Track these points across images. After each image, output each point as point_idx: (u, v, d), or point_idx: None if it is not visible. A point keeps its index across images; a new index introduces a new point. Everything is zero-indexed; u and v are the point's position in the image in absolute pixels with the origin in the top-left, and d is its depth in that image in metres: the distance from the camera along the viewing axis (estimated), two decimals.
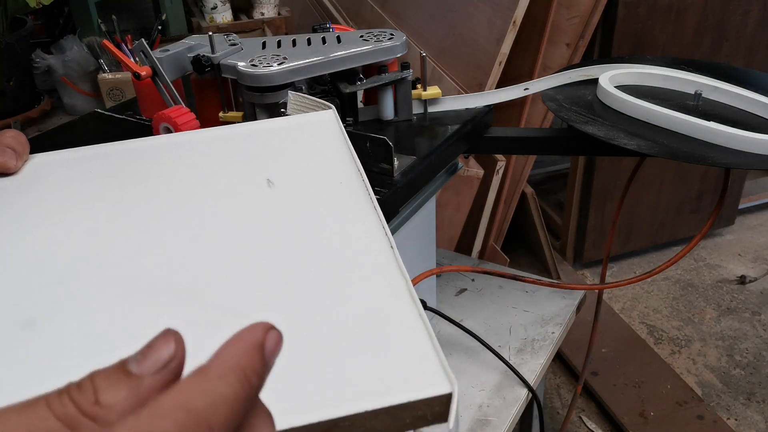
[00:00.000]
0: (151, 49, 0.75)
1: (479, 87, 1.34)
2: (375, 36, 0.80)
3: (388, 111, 0.83)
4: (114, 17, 1.25)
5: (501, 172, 1.45)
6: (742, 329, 1.73)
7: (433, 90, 0.84)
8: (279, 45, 0.80)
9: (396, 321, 0.32)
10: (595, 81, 0.86)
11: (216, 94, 0.81)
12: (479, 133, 0.86)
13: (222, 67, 0.77)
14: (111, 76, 1.43)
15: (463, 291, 1.00)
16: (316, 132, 0.50)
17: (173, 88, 0.76)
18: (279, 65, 0.73)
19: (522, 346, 0.89)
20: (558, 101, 0.84)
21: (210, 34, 0.78)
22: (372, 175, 0.71)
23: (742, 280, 1.89)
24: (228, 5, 1.84)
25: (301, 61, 0.74)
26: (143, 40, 0.75)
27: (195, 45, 0.80)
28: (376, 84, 0.79)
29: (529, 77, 1.44)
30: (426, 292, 0.89)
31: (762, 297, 1.83)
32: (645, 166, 0.90)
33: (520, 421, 0.97)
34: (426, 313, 0.30)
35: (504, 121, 1.53)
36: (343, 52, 0.77)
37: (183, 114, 0.71)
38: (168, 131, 0.72)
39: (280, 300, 0.34)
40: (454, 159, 0.84)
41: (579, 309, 0.97)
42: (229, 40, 0.81)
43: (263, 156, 0.47)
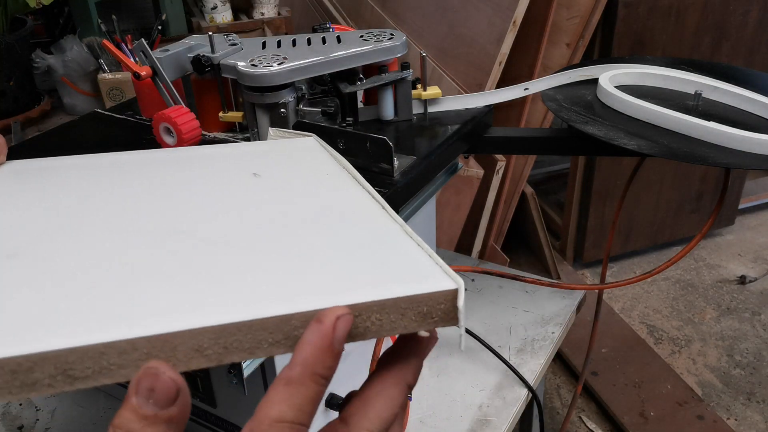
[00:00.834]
0: (151, 49, 0.75)
1: (479, 87, 1.34)
2: (375, 36, 0.80)
3: (388, 111, 0.83)
4: (114, 17, 1.25)
5: (501, 172, 1.45)
6: (742, 329, 1.73)
7: (433, 90, 0.84)
8: (279, 45, 0.80)
9: (397, 247, 0.35)
10: (595, 81, 0.86)
11: (216, 94, 0.81)
12: (479, 133, 0.86)
13: (222, 67, 0.77)
14: (111, 76, 1.43)
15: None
16: (302, 152, 0.50)
17: (173, 88, 0.76)
18: (279, 65, 0.73)
19: (522, 346, 0.89)
20: (558, 101, 0.84)
21: (210, 34, 0.78)
22: (372, 175, 0.71)
23: (742, 280, 1.89)
24: (228, 5, 1.84)
25: (301, 61, 0.74)
26: (143, 40, 0.75)
27: (195, 45, 0.80)
28: (376, 84, 0.79)
29: (529, 77, 1.44)
30: None
31: (762, 297, 1.83)
32: (645, 166, 0.90)
33: (520, 421, 0.97)
34: None
35: (504, 121, 1.53)
36: (343, 52, 0.77)
37: (183, 114, 0.72)
38: (168, 131, 0.72)
39: (284, 238, 0.37)
40: (454, 159, 0.84)
41: (579, 309, 0.97)
42: (229, 40, 0.81)
43: (250, 166, 0.48)
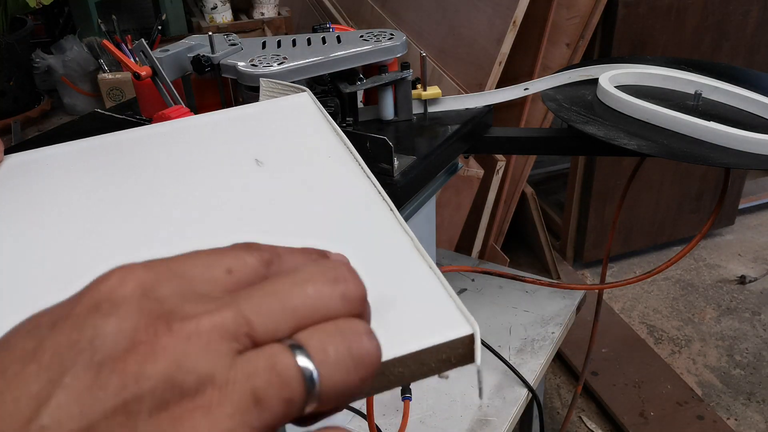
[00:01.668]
0: (151, 49, 0.75)
1: (479, 87, 1.34)
2: (375, 36, 0.80)
3: (388, 111, 0.83)
4: (114, 17, 1.25)
5: (501, 172, 1.45)
6: (742, 329, 1.73)
7: (433, 90, 0.84)
8: (279, 45, 0.80)
9: (409, 275, 0.33)
10: (595, 81, 0.86)
11: (216, 94, 0.81)
12: (479, 133, 0.86)
13: (222, 67, 0.77)
14: (111, 76, 1.43)
15: (463, 291, 1.00)
16: (293, 114, 0.49)
17: (173, 88, 0.76)
18: (279, 65, 0.73)
19: (522, 346, 0.89)
20: (558, 101, 0.84)
21: (210, 34, 0.78)
22: None
23: (742, 280, 1.89)
24: (228, 5, 1.84)
25: (301, 61, 0.74)
26: (143, 40, 0.75)
27: (195, 45, 0.80)
28: (376, 84, 0.79)
29: (529, 77, 1.44)
30: None
31: (762, 297, 1.83)
32: (645, 166, 0.90)
33: (520, 421, 0.97)
34: None
35: (504, 121, 1.53)
36: (343, 52, 0.77)
37: (183, 114, 0.71)
38: None
39: None
40: (454, 159, 0.84)
41: (579, 309, 0.97)
42: (229, 40, 0.81)
43: (246, 142, 0.46)
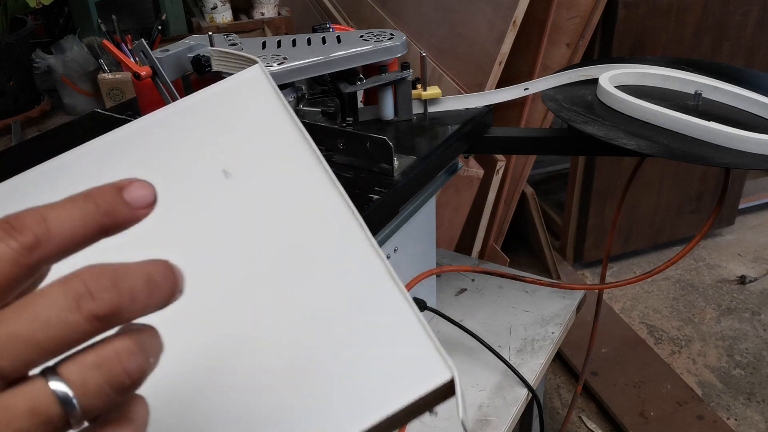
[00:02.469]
0: (151, 49, 0.75)
1: (479, 87, 1.34)
2: (375, 36, 0.80)
3: (388, 111, 0.83)
4: (114, 17, 1.25)
5: (501, 172, 1.45)
6: (742, 329, 1.73)
7: (433, 90, 0.84)
8: (279, 45, 0.80)
9: (386, 318, 0.32)
10: (595, 81, 0.86)
11: None
12: (479, 133, 0.86)
13: None
14: (111, 76, 1.43)
15: (463, 291, 1.00)
16: (244, 100, 0.41)
17: (173, 88, 0.76)
18: (279, 65, 0.73)
19: (522, 346, 0.89)
20: (558, 101, 0.84)
21: (210, 34, 0.78)
22: (372, 175, 0.71)
23: (742, 280, 1.89)
24: (228, 5, 1.84)
25: (301, 61, 0.74)
26: (143, 40, 0.75)
27: (195, 45, 0.80)
28: (376, 84, 0.79)
29: (529, 77, 1.44)
30: (426, 292, 0.89)
31: (762, 297, 1.83)
32: (645, 166, 0.90)
33: (520, 421, 0.96)
34: (426, 314, 0.30)
35: (504, 121, 1.53)
36: (343, 52, 0.77)
37: None
38: None
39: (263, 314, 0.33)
40: (454, 159, 0.84)
41: (579, 309, 0.97)
42: (229, 40, 0.81)
43: (199, 145, 0.40)
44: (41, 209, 0.22)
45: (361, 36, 0.81)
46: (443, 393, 0.30)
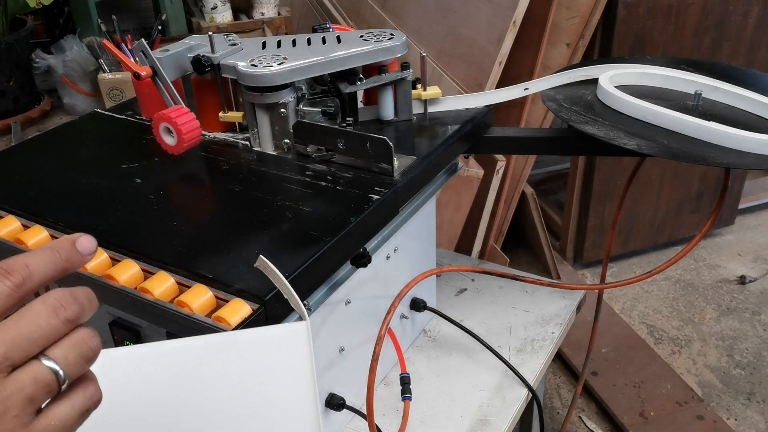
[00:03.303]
0: (151, 49, 0.75)
1: (479, 87, 1.34)
2: (375, 36, 0.80)
3: (388, 111, 0.83)
4: (114, 17, 1.25)
5: (501, 172, 1.45)
6: (742, 329, 1.73)
7: (433, 90, 0.84)
8: (279, 45, 0.80)
9: None
10: (595, 81, 0.86)
11: (216, 94, 0.81)
12: (479, 133, 0.86)
13: (222, 67, 0.77)
14: (111, 76, 1.43)
15: (463, 291, 1.00)
16: (286, 349, 0.49)
17: (173, 88, 0.76)
18: (279, 65, 0.73)
19: (522, 346, 0.89)
20: (558, 101, 0.84)
21: (210, 34, 0.78)
22: (372, 175, 0.71)
23: (742, 280, 1.89)
24: (228, 5, 1.84)
25: (301, 61, 0.74)
26: (143, 40, 0.75)
27: (195, 45, 0.80)
28: (376, 84, 0.79)
29: (529, 77, 1.44)
30: (426, 292, 0.89)
31: (762, 297, 1.83)
32: (645, 166, 0.90)
33: (520, 421, 0.97)
34: (426, 314, 0.30)
35: (504, 121, 1.53)
36: (343, 52, 0.77)
37: (183, 114, 0.72)
38: (168, 131, 0.72)
39: None
40: (454, 159, 0.84)
41: (579, 309, 0.97)
42: (229, 40, 0.81)
43: (232, 384, 0.48)
44: (24, 258, 0.34)
45: (361, 36, 0.81)
46: None
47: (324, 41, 0.80)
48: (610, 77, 0.85)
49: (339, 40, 0.80)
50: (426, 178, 0.77)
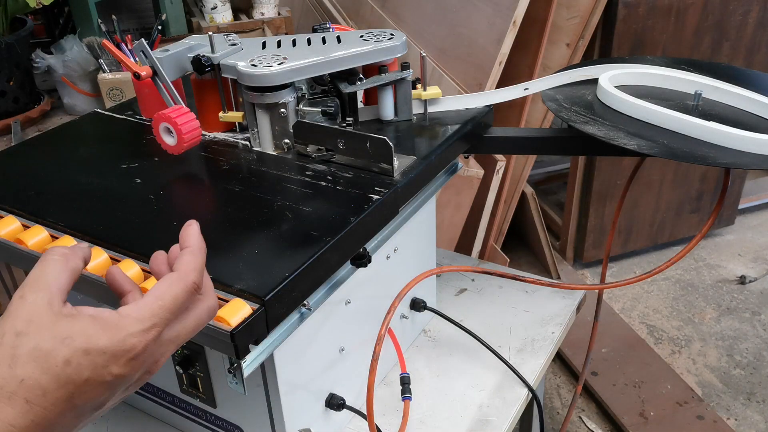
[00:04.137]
0: (151, 49, 0.75)
1: (479, 87, 1.34)
2: (375, 36, 0.80)
3: (388, 111, 0.83)
4: (114, 17, 1.25)
5: (501, 172, 1.45)
6: (742, 329, 1.73)
7: (433, 90, 0.84)
8: (279, 45, 0.80)
9: None
10: (595, 81, 0.86)
11: (216, 94, 0.81)
12: (479, 133, 0.86)
13: (222, 67, 0.77)
14: (111, 76, 1.43)
15: (463, 291, 1.00)
16: None
17: (173, 88, 0.76)
18: (279, 65, 0.73)
19: (522, 346, 0.89)
20: (558, 101, 0.84)
21: (210, 34, 0.78)
22: (372, 175, 0.71)
23: (742, 280, 1.89)
24: (228, 5, 1.84)
25: (301, 61, 0.74)
26: (143, 40, 0.75)
27: (195, 45, 0.80)
28: (376, 84, 0.79)
29: (529, 77, 1.44)
30: (426, 292, 0.89)
31: (762, 297, 1.83)
32: (645, 166, 0.90)
33: (520, 421, 0.97)
34: (426, 313, 0.30)
35: (504, 121, 1.53)
36: (343, 52, 0.77)
37: (183, 114, 0.72)
38: (168, 131, 0.72)
39: None
40: (454, 159, 0.84)
41: (579, 309, 0.97)
42: (229, 40, 0.81)
43: None
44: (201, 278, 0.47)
45: (361, 36, 0.81)
46: None
47: (324, 41, 0.80)
48: (610, 77, 0.85)
49: (339, 40, 0.80)
50: (426, 178, 0.77)
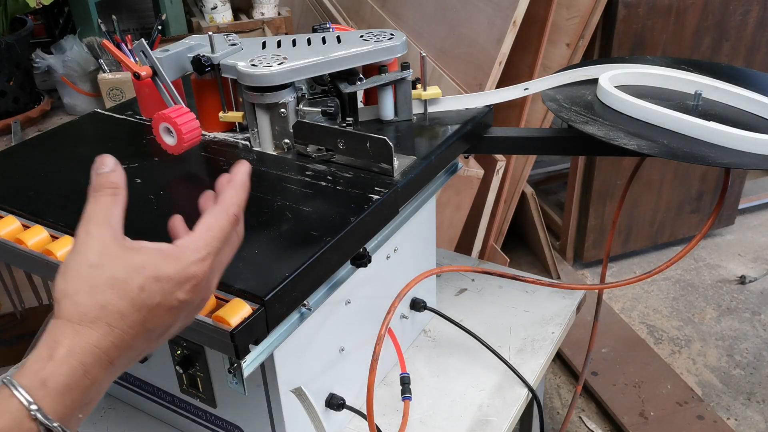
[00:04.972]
0: (151, 49, 0.75)
1: (479, 87, 1.34)
2: (375, 36, 0.80)
3: (388, 111, 0.83)
4: (114, 17, 1.25)
5: (501, 172, 1.45)
6: (742, 329, 1.73)
7: (433, 90, 0.84)
8: (279, 45, 0.80)
9: None
10: (595, 81, 0.86)
11: (216, 94, 0.81)
12: (479, 133, 0.86)
13: (222, 67, 0.77)
14: (111, 76, 1.43)
15: (463, 291, 1.00)
16: None
17: (173, 88, 0.76)
18: (279, 65, 0.73)
19: (522, 346, 0.89)
20: (558, 101, 0.84)
21: (210, 34, 0.78)
22: (372, 175, 0.71)
23: (742, 280, 1.89)
24: (228, 5, 1.84)
25: (301, 61, 0.74)
26: (143, 40, 0.75)
27: (195, 45, 0.80)
28: (376, 84, 0.79)
29: (529, 77, 1.44)
30: (426, 292, 0.89)
31: (762, 297, 1.83)
32: (645, 166, 0.90)
33: (520, 421, 0.97)
34: (426, 313, 0.30)
35: (504, 121, 1.53)
36: (343, 52, 0.77)
37: (183, 114, 0.71)
38: (168, 131, 0.72)
39: None
40: (454, 159, 0.84)
41: (579, 309, 0.97)
42: (229, 40, 0.81)
43: None
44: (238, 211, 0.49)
45: (361, 36, 0.81)
46: None
47: (324, 41, 0.80)
48: (610, 77, 0.85)
49: (339, 40, 0.80)
50: (426, 178, 0.77)
